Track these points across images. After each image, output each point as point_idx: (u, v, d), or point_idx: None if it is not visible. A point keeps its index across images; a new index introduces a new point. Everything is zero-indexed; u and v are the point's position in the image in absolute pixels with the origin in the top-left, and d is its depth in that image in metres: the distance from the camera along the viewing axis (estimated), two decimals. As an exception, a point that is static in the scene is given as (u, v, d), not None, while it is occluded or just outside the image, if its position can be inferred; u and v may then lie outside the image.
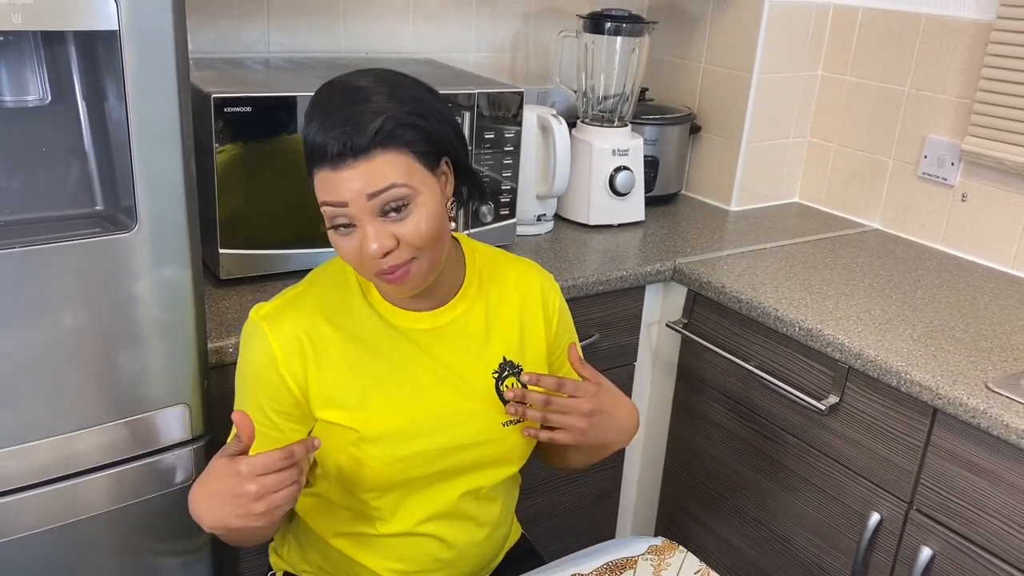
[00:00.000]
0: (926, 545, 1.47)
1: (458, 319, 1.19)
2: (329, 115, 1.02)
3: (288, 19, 1.91)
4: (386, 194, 1.02)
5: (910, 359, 1.47)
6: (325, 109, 1.03)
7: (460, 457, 1.17)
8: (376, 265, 1.05)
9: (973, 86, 1.91)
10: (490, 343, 1.20)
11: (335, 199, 1.02)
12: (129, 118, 1.12)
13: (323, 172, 1.02)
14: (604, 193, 2.03)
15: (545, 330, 1.26)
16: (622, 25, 2.03)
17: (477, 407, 1.18)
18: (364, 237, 1.03)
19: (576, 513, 2.00)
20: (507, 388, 1.20)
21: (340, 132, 1.01)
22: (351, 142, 1.01)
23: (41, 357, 1.14)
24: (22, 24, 1.02)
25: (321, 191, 1.04)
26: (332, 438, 1.13)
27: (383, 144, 1.02)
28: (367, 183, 1.01)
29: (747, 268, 1.85)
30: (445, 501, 1.19)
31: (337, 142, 1.01)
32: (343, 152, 1.01)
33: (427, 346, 1.17)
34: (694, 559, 1.27)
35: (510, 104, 1.74)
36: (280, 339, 1.11)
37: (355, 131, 1.01)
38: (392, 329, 1.16)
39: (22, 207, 1.19)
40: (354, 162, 1.01)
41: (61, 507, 1.22)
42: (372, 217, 1.03)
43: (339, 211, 1.03)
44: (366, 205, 1.02)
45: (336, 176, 1.02)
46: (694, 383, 1.89)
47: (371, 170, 1.02)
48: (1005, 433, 1.32)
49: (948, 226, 2.02)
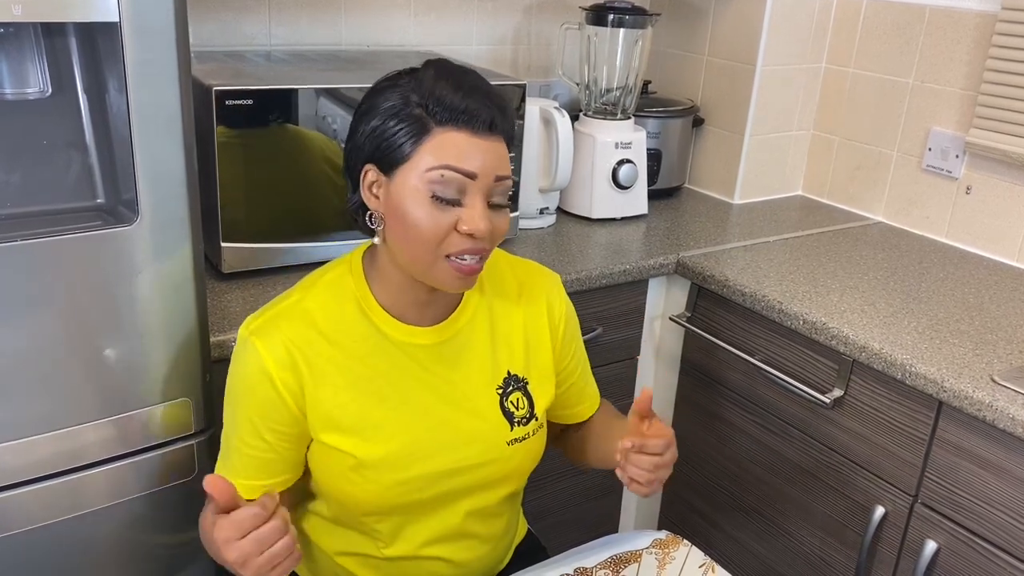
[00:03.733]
0: (931, 538, 1.47)
1: (460, 333, 1.14)
2: (472, 83, 1.00)
3: (289, 12, 1.91)
4: (506, 182, 1.02)
5: (915, 352, 1.47)
6: (461, 76, 1.00)
7: (463, 478, 1.13)
8: (463, 244, 1.01)
9: (978, 78, 1.91)
10: (495, 357, 1.16)
11: (466, 167, 0.99)
12: (130, 111, 1.11)
13: (459, 134, 0.99)
14: (607, 186, 2.02)
15: (551, 338, 1.21)
16: (625, 17, 2.02)
17: (481, 426, 1.14)
18: (472, 214, 1.00)
19: (580, 507, 2.00)
20: (512, 404, 1.16)
21: (488, 103, 0.98)
22: (498, 118, 0.99)
23: (42, 351, 1.14)
24: (22, 16, 1.02)
25: (446, 154, 0.99)
26: (330, 462, 1.09)
27: (506, 134, 1.02)
28: (499, 164, 1.00)
29: (751, 261, 1.84)
30: (449, 524, 1.16)
31: (487, 111, 0.98)
32: (492, 125, 0.99)
33: (428, 363, 1.12)
34: (698, 553, 1.26)
35: (512, 97, 1.73)
36: (273, 353, 1.05)
37: (503, 109, 0.99)
38: (391, 344, 1.10)
39: (23, 200, 1.19)
40: (493, 137, 1.00)
41: (63, 502, 1.22)
42: (485, 198, 1.01)
43: (460, 179, 0.99)
44: (489, 184, 1.00)
45: (476, 143, 0.99)
46: (697, 377, 1.88)
47: (501, 153, 1.00)
48: (1011, 426, 1.31)
49: (952, 219, 2.01)
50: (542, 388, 1.20)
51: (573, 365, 1.27)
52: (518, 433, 1.16)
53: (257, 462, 1.09)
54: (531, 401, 1.18)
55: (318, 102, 1.52)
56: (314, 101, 1.52)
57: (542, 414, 1.20)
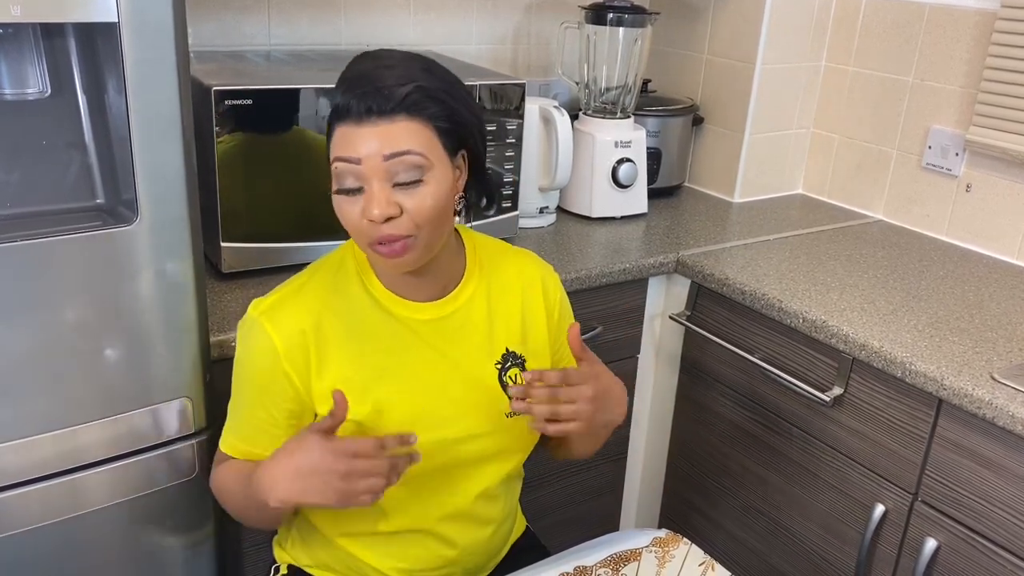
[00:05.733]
0: (931, 536, 1.47)
1: (460, 310, 1.18)
2: (360, 77, 1.02)
3: (289, 12, 1.91)
4: (402, 159, 1.02)
5: (915, 350, 1.47)
6: (356, 72, 1.03)
7: (464, 449, 1.17)
8: (375, 231, 1.03)
9: (977, 76, 1.90)
10: (492, 334, 1.20)
11: (350, 155, 1.02)
12: (129, 111, 1.11)
13: (344, 127, 1.02)
14: (607, 185, 2.02)
15: (547, 321, 1.25)
16: (624, 16, 2.02)
17: (480, 398, 1.17)
18: (369, 199, 1.02)
19: (580, 506, 2.00)
20: (510, 379, 1.19)
21: (368, 91, 1.01)
22: (377, 103, 1.01)
23: (42, 351, 1.14)
24: (21, 16, 1.02)
25: (337, 146, 1.03)
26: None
27: (408, 111, 1.02)
28: (385, 144, 1.01)
29: (751, 260, 1.84)
30: (449, 502, 1.18)
31: (364, 101, 1.01)
32: (369, 110, 1.01)
33: (429, 337, 1.16)
34: (698, 551, 1.27)
35: (512, 96, 1.73)
36: (282, 334, 1.10)
37: (383, 93, 1.01)
38: (394, 320, 1.15)
39: (23, 200, 1.19)
40: (377, 120, 1.01)
41: (63, 501, 1.22)
42: (382, 181, 1.02)
43: (350, 168, 1.02)
44: (380, 166, 1.01)
45: (356, 131, 1.01)
46: (698, 375, 1.88)
47: (392, 132, 1.01)
48: (1011, 423, 1.31)
49: (952, 217, 2.01)
50: (538, 366, 1.24)
51: (566, 349, 1.29)
52: None
53: (262, 433, 1.14)
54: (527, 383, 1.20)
55: (318, 102, 1.52)
56: (314, 101, 1.52)
57: None
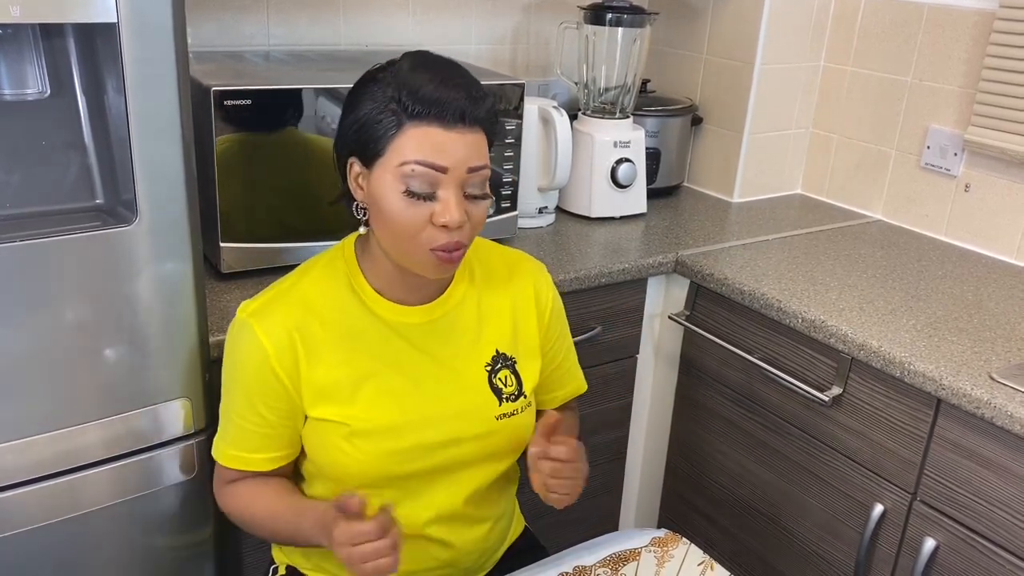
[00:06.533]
0: (930, 536, 1.47)
1: (449, 312, 1.18)
2: (445, 74, 1.00)
3: (288, 12, 1.91)
4: (481, 172, 1.02)
5: (913, 350, 1.47)
6: (435, 68, 1.01)
7: (454, 451, 1.16)
8: (441, 237, 1.03)
9: (976, 76, 1.91)
10: (482, 336, 1.19)
11: (437, 161, 1.00)
12: (129, 111, 1.11)
13: (429, 128, 0.99)
14: (606, 185, 2.02)
15: (538, 323, 1.25)
16: (623, 16, 2.02)
17: (470, 400, 1.17)
18: (446, 206, 1.01)
19: (579, 506, 1.98)
20: (500, 380, 1.19)
21: (462, 94, 0.98)
22: (471, 109, 0.99)
23: (41, 351, 1.14)
24: (20, 17, 1.02)
25: (417, 149, 1.00)
26: (324, 435, 1.12)
27: (482, 124, 1.02)
28: (471, 155, 1.00)
29: (750, 260, 1.84)
30: (442, 504, 1.18)
31: (458, 103, 0.98)
32: (462, 115, 0.99)
33: (418, 341, 1.15)
34: (697, 551, 1.27)
35: (511, 96, 1.73)
36: (271, 335, 1.10)
37: (477, 100, 0.99)
38: (383, 324, 1.14)
39: (22, 201, 1.19)
40: (466, 129, 1.00)
41: (62, 502, 1.22)
42: (458, 189, 1.02)
43: (431, 174, 1.00)
44: (462, 177, 1.01)
45: (446, 137, 0.99)
46: (697, 375, 1.89)
47: (476, 144, 1.01)
48: (1009, 423, 1.31)
49: (951, 216, 2.02)
50: (530, 367, 1.24)
51: (558, 347, 1.30)
52: (507, 408, 1.19)
53: (254, 436, 1.14)
54: (519, 380, 1.21)
55: (317, 102, 1.52)
56: (313, 101, 1.52)
57: (530, 393, 1.23)
